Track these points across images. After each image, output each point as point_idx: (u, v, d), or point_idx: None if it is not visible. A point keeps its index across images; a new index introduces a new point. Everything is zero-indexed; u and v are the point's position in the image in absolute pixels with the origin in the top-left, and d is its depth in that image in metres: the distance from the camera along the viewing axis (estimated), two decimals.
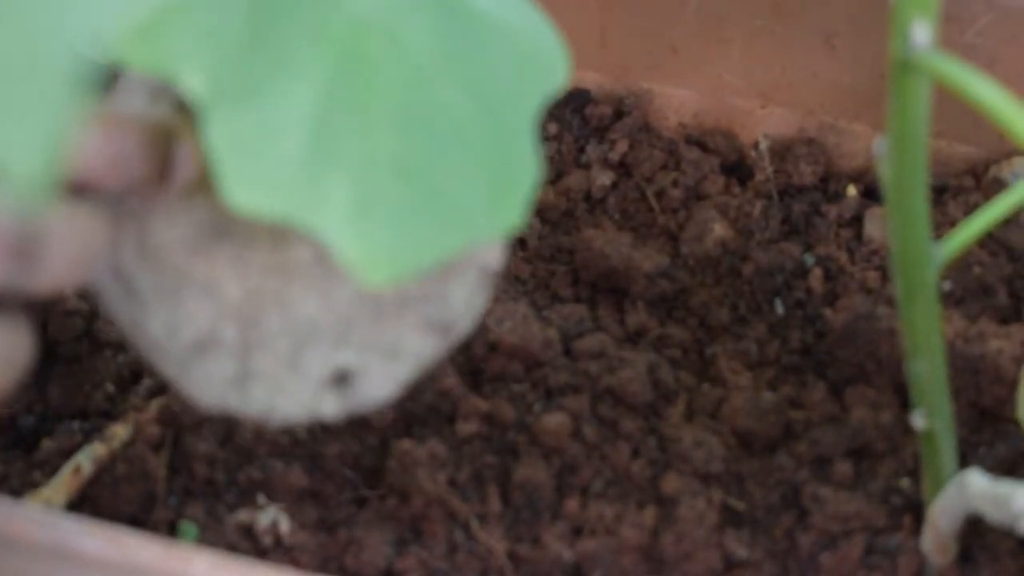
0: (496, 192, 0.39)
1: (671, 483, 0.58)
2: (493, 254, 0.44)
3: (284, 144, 0.37)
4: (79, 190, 0.40)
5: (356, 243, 0.37)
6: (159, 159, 0.41)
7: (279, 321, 0.42)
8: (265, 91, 0.37)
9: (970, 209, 0.68)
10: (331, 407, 0.43)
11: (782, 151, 0.71)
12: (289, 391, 0.42)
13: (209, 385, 0.43)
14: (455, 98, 0.39)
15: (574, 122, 0.73)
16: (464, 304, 0.44)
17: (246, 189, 0.37)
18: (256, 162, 0.37)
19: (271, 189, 0.37)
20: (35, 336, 0.41)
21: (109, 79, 0.66)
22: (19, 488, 0.57)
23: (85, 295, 0.62)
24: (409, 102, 0.39)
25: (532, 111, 0.41)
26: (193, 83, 0.37)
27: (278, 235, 0.41)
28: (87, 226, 0.40)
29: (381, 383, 0.43)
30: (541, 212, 0.70)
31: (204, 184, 0.41)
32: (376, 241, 0.38)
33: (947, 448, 0.53)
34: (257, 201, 0.37)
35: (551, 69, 0.42)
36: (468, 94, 0.40)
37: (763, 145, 0.71)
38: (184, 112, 0.42)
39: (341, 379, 0.43)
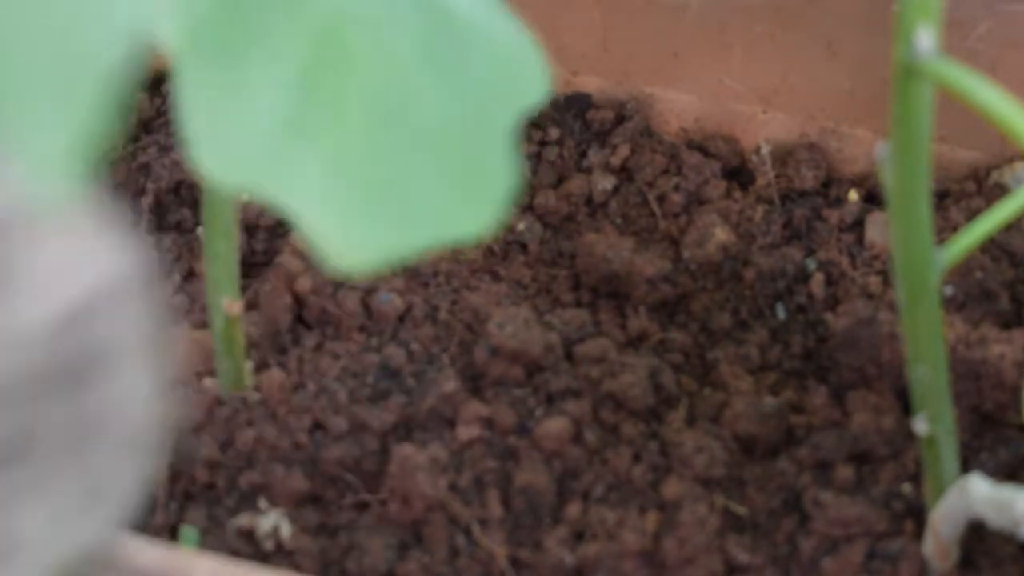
0: (468, 195, 0.38)
1: (672, 488, 0.58)
2: None
3: (258, 115, 0.36)
4: None
5: (328, 223, 0.36)
6: None
7: None
8: (242, 59, 0.36)
9: (972, 214, 0.68)
10: None
11: (783, 156, 0.71)
12: None
13: None
14: (432, 94, 0.39)
15: (576, 126, 0.73)
16: None
17: (216, 155, 0.35)
18: (229, 129, 0.35)
19: (243, 157, 0.35)
20: None
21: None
22: None
23: None
24: (386, 91, 0.38)
25: (511, 120, 0.40)
26: (170, 34, 0.35)
27: None
28: None
29: None
30: (542, 216, 0.70)
31: None
32: (348, 225, 0.36)
33: (949, 453, 0.53)
34: (226, 168, 0.35)
35: (531, 82, 0.41)
36: (446, 92, 0.39)
37: (764, 150, 0.71)
38: None
39: None
